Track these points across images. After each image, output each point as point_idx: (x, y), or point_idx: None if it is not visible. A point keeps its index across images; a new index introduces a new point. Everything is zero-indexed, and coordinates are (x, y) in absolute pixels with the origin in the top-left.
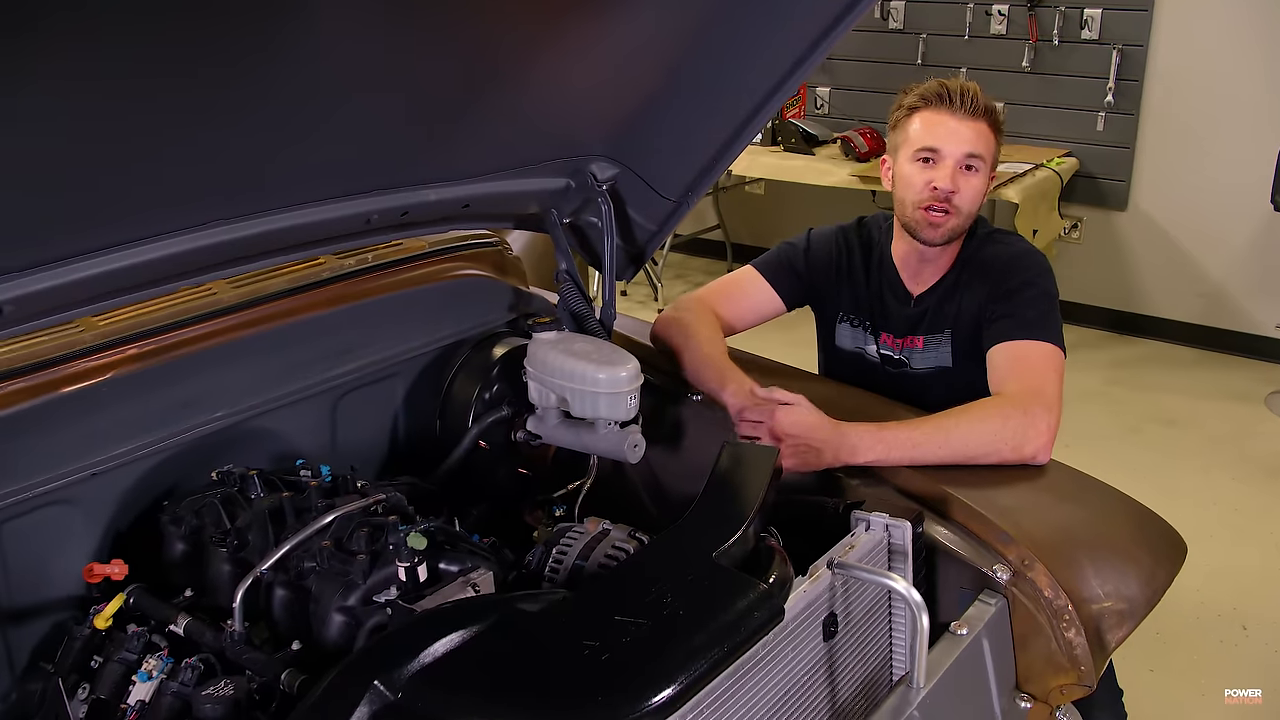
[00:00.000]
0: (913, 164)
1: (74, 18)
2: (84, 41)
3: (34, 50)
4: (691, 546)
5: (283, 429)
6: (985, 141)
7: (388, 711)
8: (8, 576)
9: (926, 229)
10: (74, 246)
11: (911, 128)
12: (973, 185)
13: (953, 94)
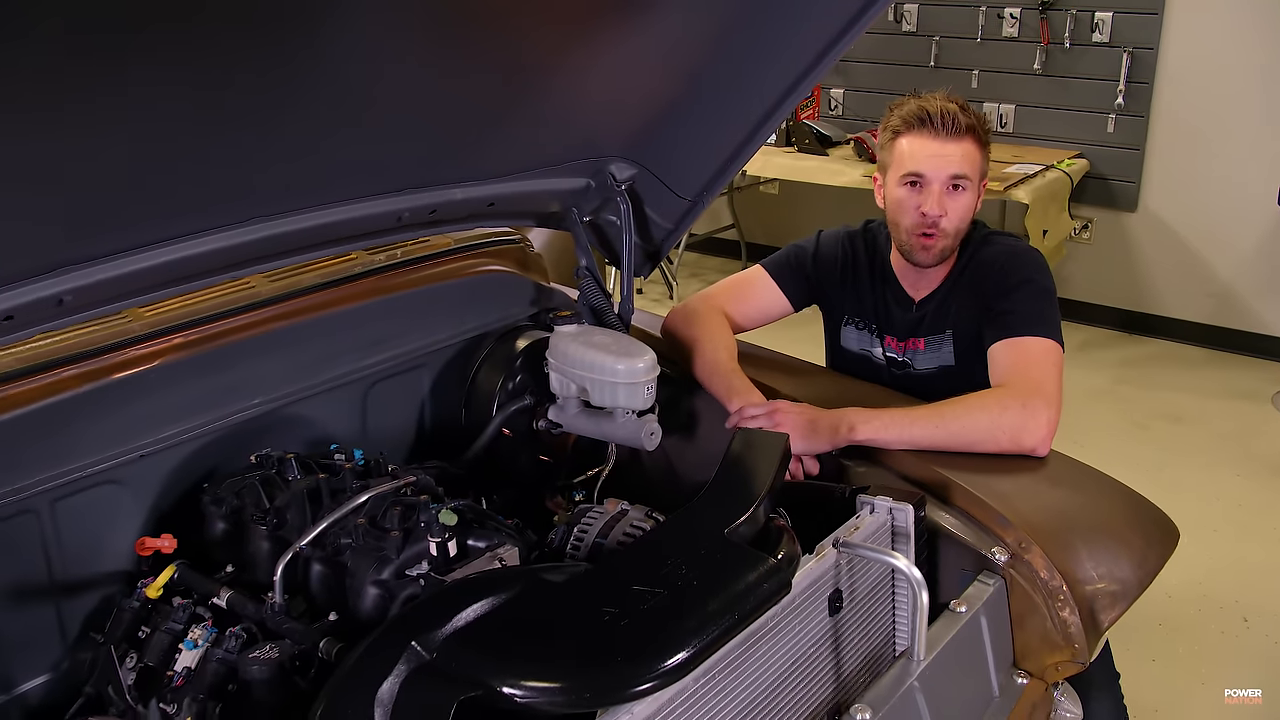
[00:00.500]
0: (901, 187)
1: (144, 41)
2: (148, 62)
3: (107, 68)
4: (705, 524)
5: (317, 416)
6: (970, 160)
7: (424, 669)
8: (62, 551)
9: (919, 252)
10: (127, 241)
11: (897, 151)
12: (960, 204)
13: (934, 117)
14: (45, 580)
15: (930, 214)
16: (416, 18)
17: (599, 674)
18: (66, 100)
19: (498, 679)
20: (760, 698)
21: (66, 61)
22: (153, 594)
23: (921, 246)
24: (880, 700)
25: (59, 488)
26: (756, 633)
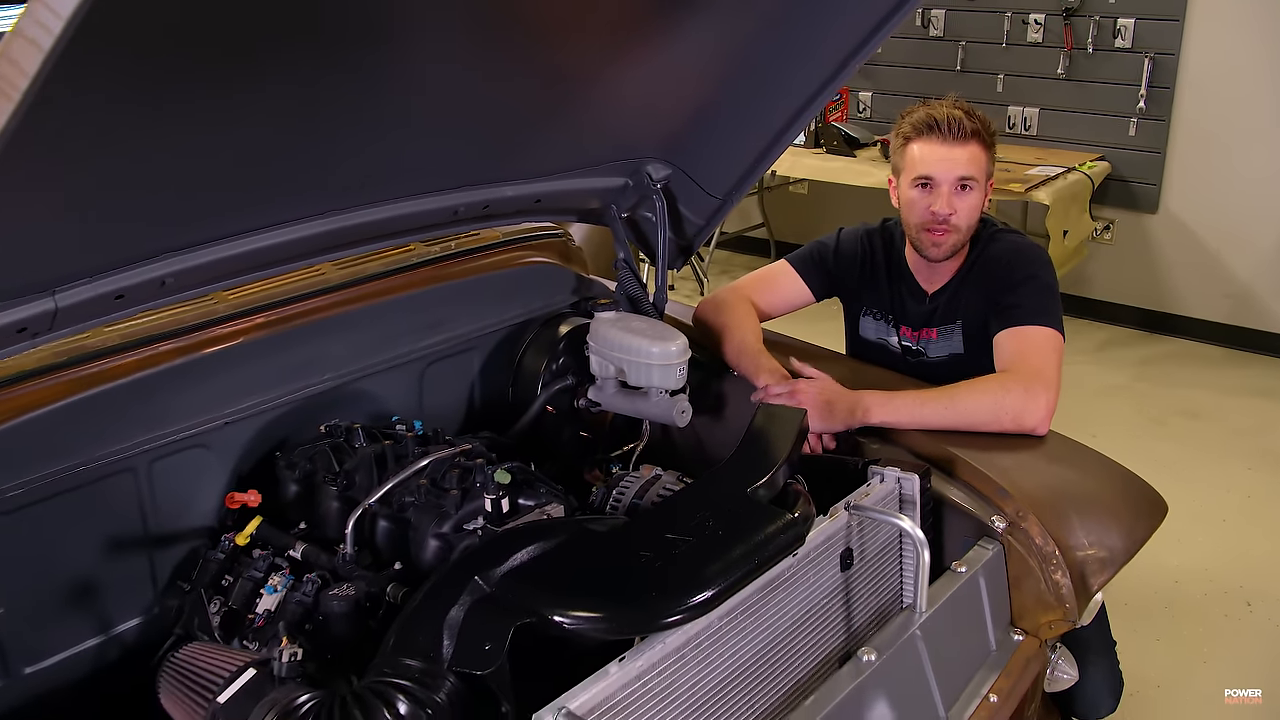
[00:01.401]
0: (913, 189)
1: (244, 62)
2: (247, 79)
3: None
4: (730, 485)
5: (378, 391)
6: (976, 162)
7: (485, 600)
8: (155, 507)
9: (930, 248)
10: (221, 231)
11: (909, 156)
12: (968, 203)
13: (941, 124)
14: (140, 532)
15: (940, 213)
16: (471, 37)
17: (635, 607)
18: (185, 110)
19: (549, 609)
20: (778, 640)
21: (188, 80)
22: (241, 541)
23: (933, 243)
24: (885, 645)
25: (156, 449)
26: (774, 581)
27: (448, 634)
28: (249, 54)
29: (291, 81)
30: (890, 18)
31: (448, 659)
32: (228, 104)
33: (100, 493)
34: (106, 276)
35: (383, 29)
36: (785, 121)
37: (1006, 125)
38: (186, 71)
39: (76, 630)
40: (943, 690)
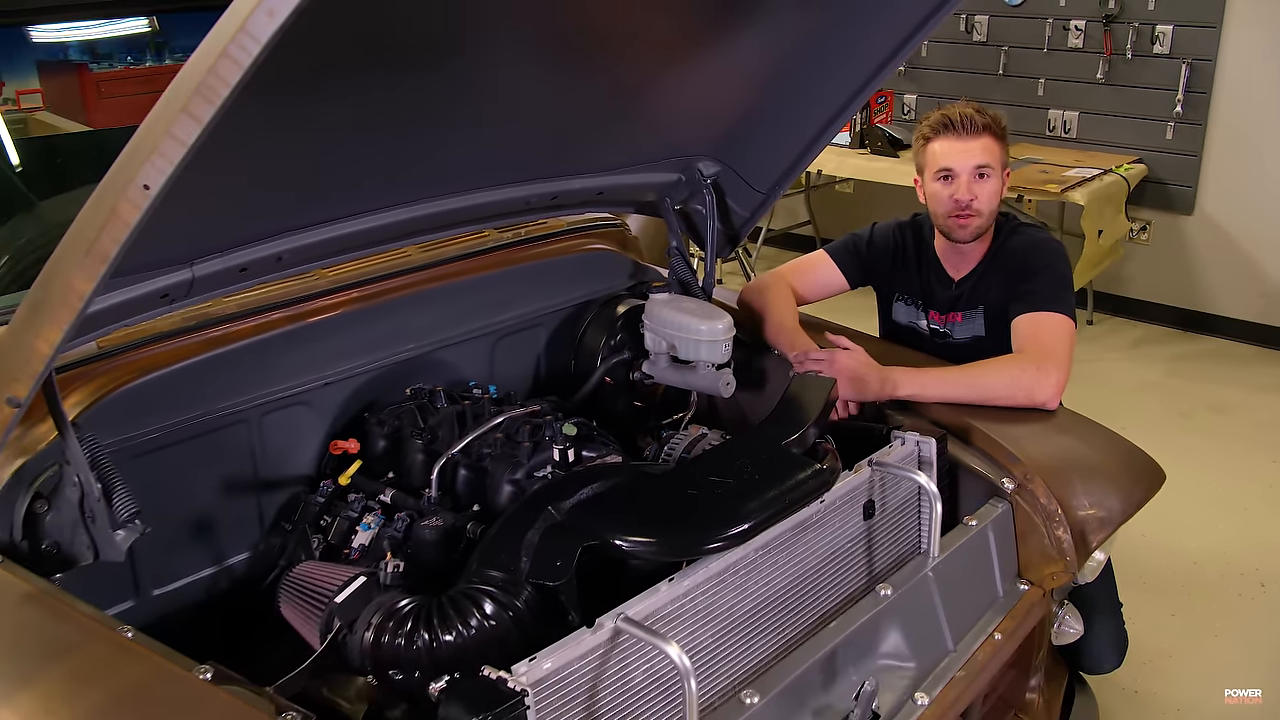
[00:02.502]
0: (936, 182)
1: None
2: (358, 83)
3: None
4: (767, 438)
5: (456, 361)
6: (990, 151)
7: (556, 526)
8: (264, 455)
9: (957, 231)
10: (330, 214)
11: (929, 153)
12: (987, 189)
13: (955, 121)
14: (251, 477)
15: (963, 199)
16: (544, 51)
17: (683, 534)
18: (313, 113)
19: (611, 533)
20: (806, 575)
21: (318, 91)
22: (343, 481)
23: (959, 226)
24: (900, 582)
25: (266, 404)
26: (803, 523)
27: (525, 553)
28: (364, 69)
29: (394, 89)
30: (920, 29)
31: (525, 573)
32: (344, 107)
33: (219, 441)
34: (235, 252)
35: (469, 47)
36: (824, 123)
37: (1046, 128)
38: (318, 84)
39: (195, 560)
40: (952, 626)
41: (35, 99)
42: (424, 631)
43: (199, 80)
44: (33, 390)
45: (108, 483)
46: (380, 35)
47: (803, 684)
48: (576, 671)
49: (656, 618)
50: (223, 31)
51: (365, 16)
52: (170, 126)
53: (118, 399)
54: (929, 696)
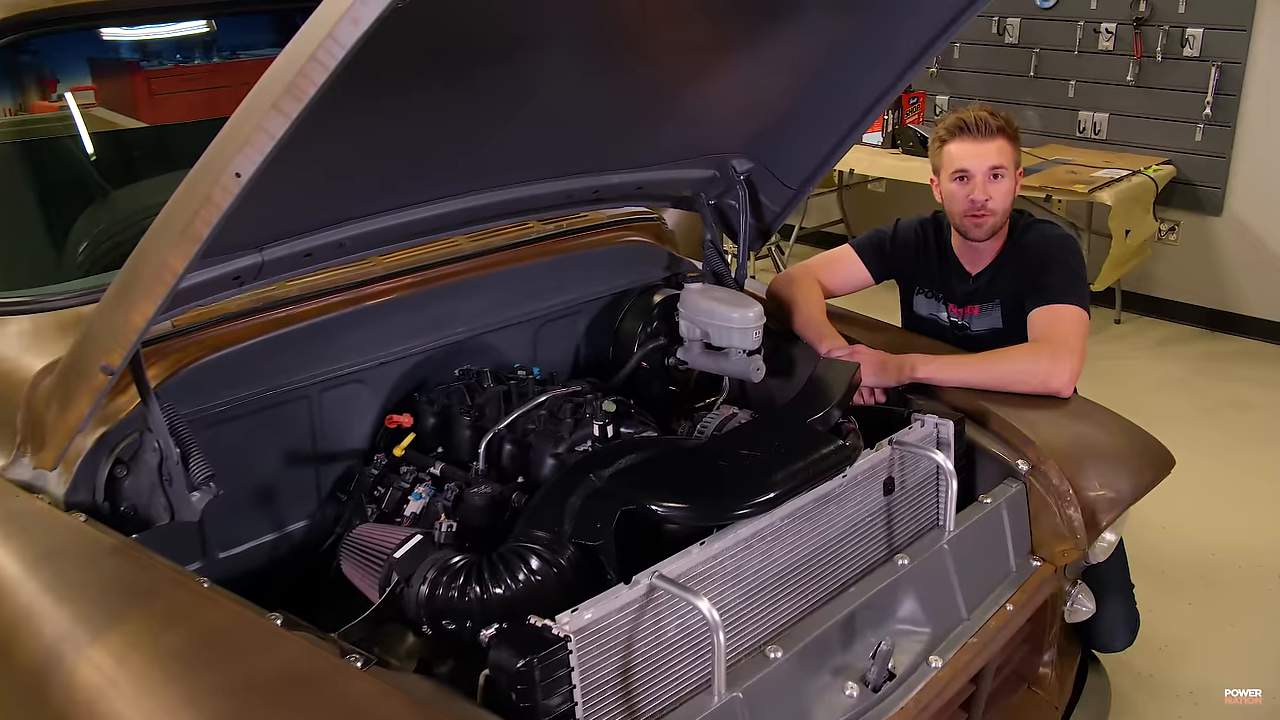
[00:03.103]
0: (952, 183)
1: (416, 72)
2: (419, 85)
3: (401, 95)
4: (794, 417)
5: (501, 345)
6: (1004, 152)
7: (596, 492)
8: (323, 429)
9: (972, 229)
10: (389, 204)
11: (946, 155)
12: (1001, 189)
13: (969, 124)
14: (310, 449)
15: (977, 200)
16: (591, 57)
17: (713, 501)
18: (380, 112)
19: (647, 499)
20: (828, 545)
21: (384, 92)
22: (398, 452)
23: (974, 225)
24: (917, 553)
25: (325, 381)
26: (826, 495)
27: (568, 516)
28: (427, 71)
29: (451, 89)
30: (948, 29)
31: (568, 533)
32: (407, 105)
33: (281, 415)
34: (301, 238)
35: (522, 52)
36: (853, 122)
37: (1077, 130)
38: (387, 85)
39: (257, 526)
40: (966, 596)
41: (88, 95)
42: (475, 585)
43: (289, 80)
44: (125, 360)
45: (185, 448)
46: (442, 41)
47: (823, 642)
48: (615, 622)
49: (688, 577)
50: (311, 37)
51: (431, 23)
52: (262, 121)
53: (191, 373)
54: (942, 660)
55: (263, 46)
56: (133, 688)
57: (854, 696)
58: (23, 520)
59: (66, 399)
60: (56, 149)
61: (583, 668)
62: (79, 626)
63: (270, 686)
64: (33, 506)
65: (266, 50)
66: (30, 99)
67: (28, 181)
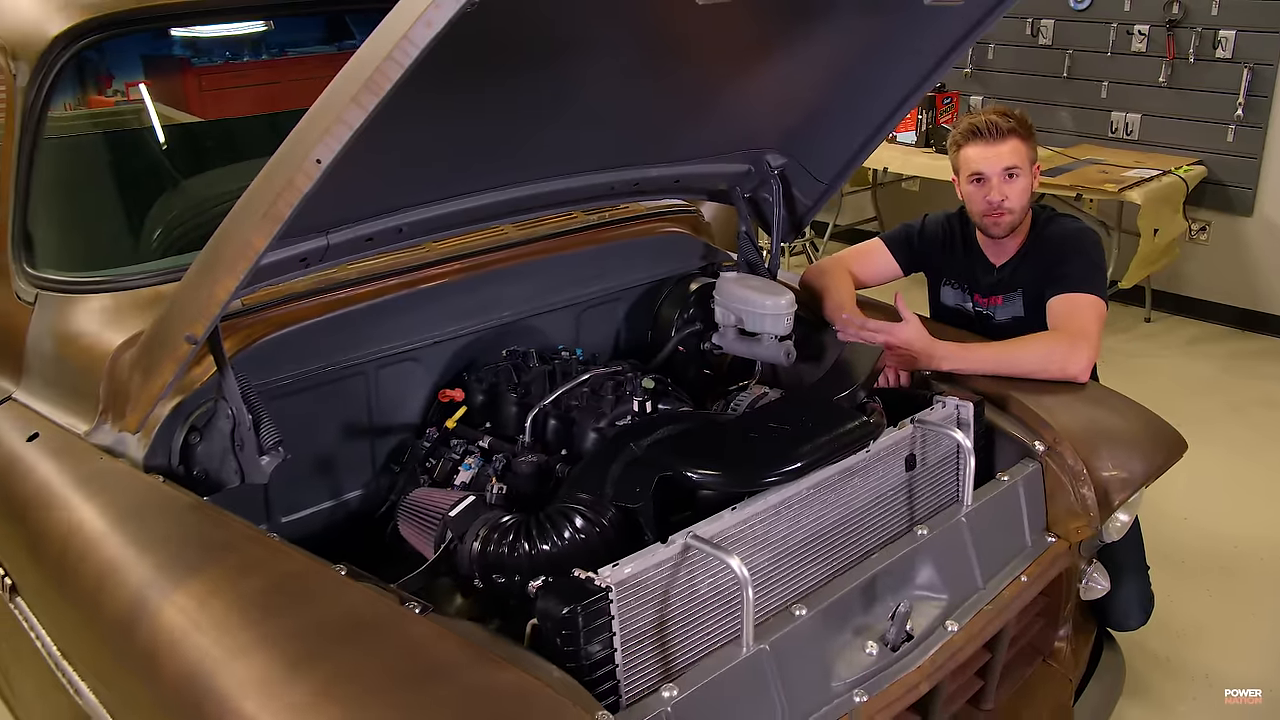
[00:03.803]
0: (969, 184)
1: (464, 73)
2: (468, 85)
3: (458, 92)
4: (821, 395)
5: (545, 328)
6: (1017, 153)
7: (636, 460)
8: (378, 403)
9: (992, 228)
10: (445, 192)
11: (962, 158)
12: (1017, 188)
13: (982, 129)
14: (366, 423)
15: (994, 200)
16: (634, 55)
17: (744, 469)
18: (436, 105)
19: (683, 466)
20: (851, 516)
21: (448, 88)
22: (450, 424)
23: (993, 224)
24: (936, 525)
25: (382, 359)
26: (851, 468)
27: (609, 481)
28: (486, 69)
29: (504, 85)
30: (975, 29)
31: (609, 496)
32: (467, 100)
33: (340, 389)
34: (364, 223)
35: (571, 53)
36: (883, 118)
37: (1109, 130)
38: (450, 82)
39: (316, 494)
40: (982, 567)
41: (141, 92)
42: (524, 542)
43: (367, 76)
44: (208, 330)
45: (256, 415)
46: (501, 42)
47: (846, 603)
48: (652, 578)
49: (721, 538)
50: (388, 36)
51: (488, 27)
52: (342, 113)
53: (259, 349)
54: (959, 624)
55: (309, 44)
56: (214, 628)
57: (873, 654)
58: (106, 480)
59: (150, 368)
60: (129, 141)
61: (622, 617)
62: (163, 575)
63: (337, 628)
64: (115, 468)
65: (313, 48)
66: (89, 95)
67: (105, 171)
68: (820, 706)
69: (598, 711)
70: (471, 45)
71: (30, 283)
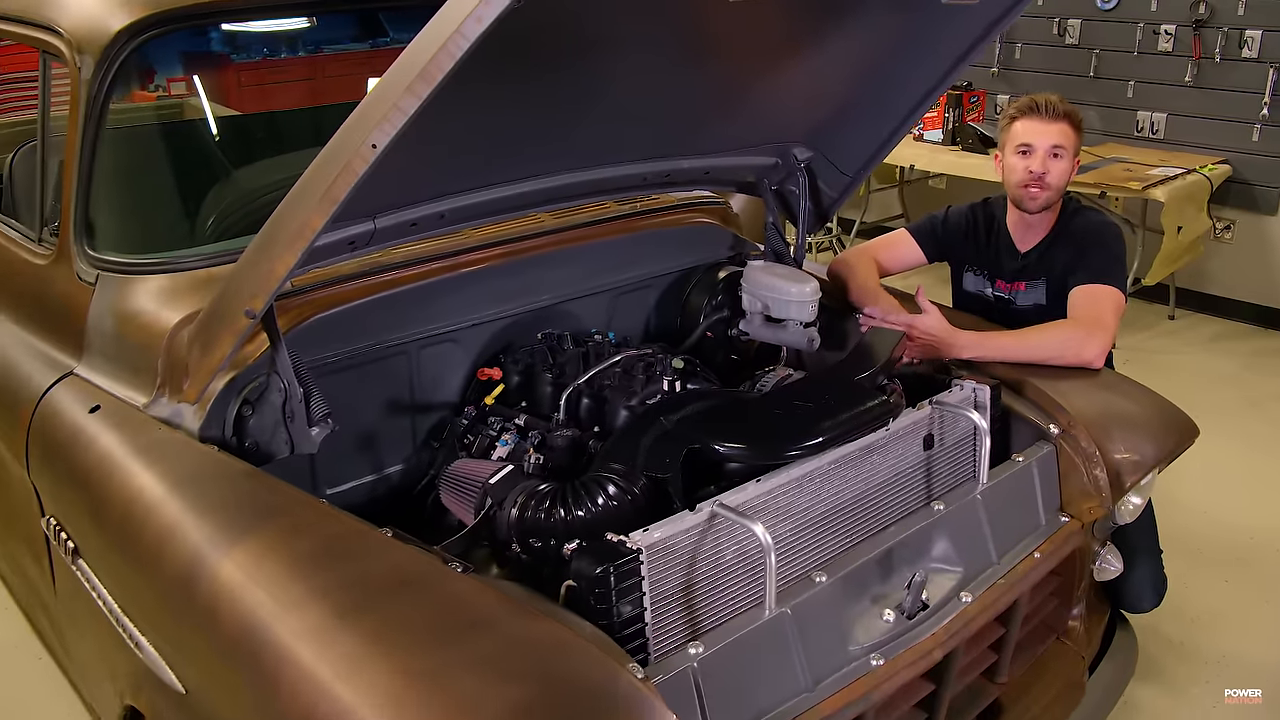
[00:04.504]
0: (1015, 156)
1: (510, 68)
2: (524, 79)
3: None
4: (842, 375)
5: (580, 313)
6: (1066, 136)
7: (665, 433)
8: (419, 382)
9: (1027, 201)
10: (486, 180)
11: (1013, 131)
12: (1059, 168)
13: (1039, 105)
14: (408, 400)
15: (1036, 171)
16: (667, 51)
17: (769, 442)
18: (481, 95)
19: (710, 440)
20: (871, 491)
21: (492, 79)
22: (489, 401)
23: (1030, 196)
24: (952, 500)
25: (423, 339)
26: (870, 445)
27: (641, 452)
28: (528, 63)
29: (543, 78)
30: (996, 25)
31: (640, 466)
32: (510, 92)
33: (383, 368)
34: (409, 209)
35: (608, 49)
36: (906, 112)
37: (1135, 129)
38: (494, 74)
39: (359, 467)
40: (996, 542)
41: (181, 87)
42: (560, 508)
43: (422, 66)
44: (266, 305)
45: (306, 388)
46: (542, 38)
47: (864, 572)
48: (680, 542)
49: (745, 507)
50: (441, 30)
51: (536, 22)
52: (397, 100)
53: (308, 328)
54: (972, 596)
55: (344, 42)
56: (269, 583)
57: (890, 621)
58: (165, 449)
59: (209, 341)
60: (183, 133)
61: (651, 578)
62: (220, 535)
63: (384, 583)
64: (173, 438)
65: (348, 45)
66: (134, 89)
67: (160, 161)
68: (838, 668)
69: (629, 663)
70: (515, 41)
71: (91, 264)
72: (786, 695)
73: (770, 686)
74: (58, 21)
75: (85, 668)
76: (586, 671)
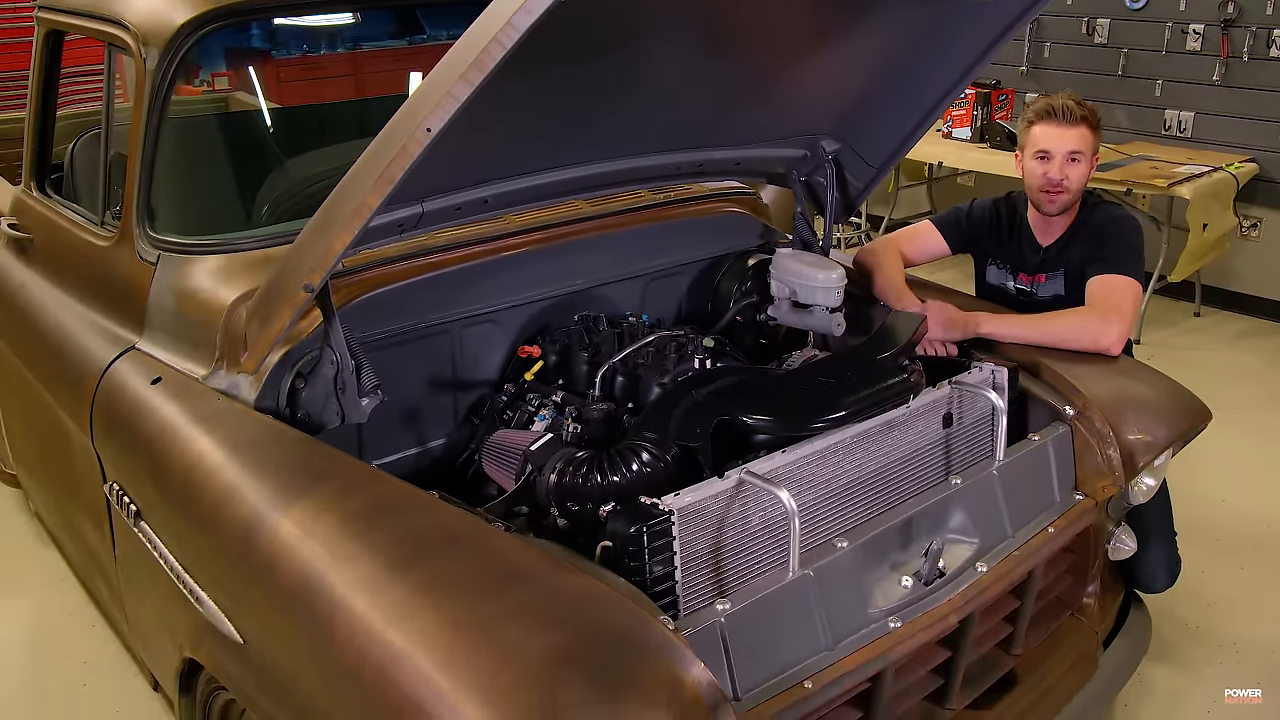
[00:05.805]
0: (1034, 160)
1: (556, 59)
2: (566, 68)
3: (546, 73)
4: (865, 354)
5: (614, 297)
6: (1084, 139)
7: (697, 405)
8: (461, 360)
9: (1046, 204)
10: (525, 168)
11: (1031, 135)
12: (1077, 171)
13: (1057, 110)
14: (450, 378)
15: (1054, 178)
16: (700, 44)
17: (794, 414)
18: (525, 85)
19: (739, 411)
20: (891, 465)
21: (533, 72)
22: (529, 376)
23: (1048, 200)
24: (969, 475)
25: (465, 320)
26: (891, 422)
27: (673, 422)
28: (570, 55)
29: (580, 73)
30: (1020, 19)
31: (672, 435)
32: (553, 83)
33: (427, 346)
34: (455, 193)
35: (643, 42)
36: (929, 107)
37: (1163, 127)
38: (538, 65)
39: (403, 440)
40: (1011, 517)
41: (224, 82)
42: (596, 473)
43: (474, 55)
44: (323, 281)
45: (357, 360)
46: (584, 31)
47: (884, 540)
48: (709, 507)
49: (771, 475)
50: (492, 22)
51: (579, 16)
52: (450, 87)
53: (357, 305)
54: (988, 566)
55: (383, 38)
56: (326, 537)
57: (908, 587)
58: (223, 417)
59: (268, 315)
60: (238, 123)
61: (682, 539)
62: (278, 495)
63: (432, 538)
64: (231, 407)
65: (385, 42)
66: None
67: (217, 149)
68: (858, 629)
69: (660, 616)
70: (560, 33)
71: (152, 245)
72: (808, 652)
73: (792, 643)
74: (124, 16)
75: (143, 626)
76: (621, 621)
